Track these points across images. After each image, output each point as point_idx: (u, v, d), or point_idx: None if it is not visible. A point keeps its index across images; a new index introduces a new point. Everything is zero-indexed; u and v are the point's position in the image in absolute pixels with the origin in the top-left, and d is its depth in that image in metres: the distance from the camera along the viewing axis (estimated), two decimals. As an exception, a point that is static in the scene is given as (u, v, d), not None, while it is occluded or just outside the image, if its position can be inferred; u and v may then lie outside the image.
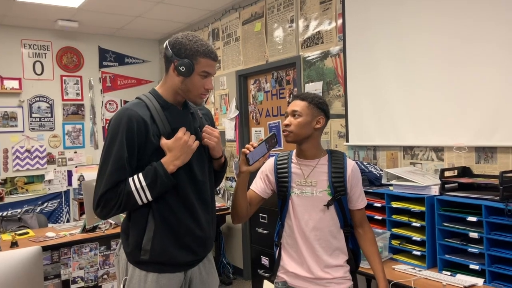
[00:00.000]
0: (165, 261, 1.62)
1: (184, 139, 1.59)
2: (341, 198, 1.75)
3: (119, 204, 1.54)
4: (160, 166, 1.56)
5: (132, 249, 1.62)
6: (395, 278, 2.18)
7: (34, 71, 5.14)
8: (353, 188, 1.78)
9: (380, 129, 3.01)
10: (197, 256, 1.71)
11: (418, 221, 2.36)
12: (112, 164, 1.54)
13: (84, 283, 3.29)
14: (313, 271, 1.74)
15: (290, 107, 1.78)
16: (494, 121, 2.38)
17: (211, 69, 1.62)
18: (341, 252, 1.79)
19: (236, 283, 4.43)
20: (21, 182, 5.05)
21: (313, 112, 1.75)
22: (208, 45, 1.62)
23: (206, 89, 1.64)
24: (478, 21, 2.43)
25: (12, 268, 2.09)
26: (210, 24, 4.93)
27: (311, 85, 3.56)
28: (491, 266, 2.07)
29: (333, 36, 3.39)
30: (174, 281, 1.65)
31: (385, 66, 2.95)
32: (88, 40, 5.49)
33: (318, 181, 1.75)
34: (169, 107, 1.66)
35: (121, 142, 1.53)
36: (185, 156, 1.60)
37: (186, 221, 1.64)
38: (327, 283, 1.74)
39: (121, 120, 1.55)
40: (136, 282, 1.62)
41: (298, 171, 1.79)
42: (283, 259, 1.83)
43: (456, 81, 2.55)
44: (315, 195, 1.75)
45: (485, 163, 2.47)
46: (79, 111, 5.44)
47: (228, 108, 4.69)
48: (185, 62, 1.57)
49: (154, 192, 1.56)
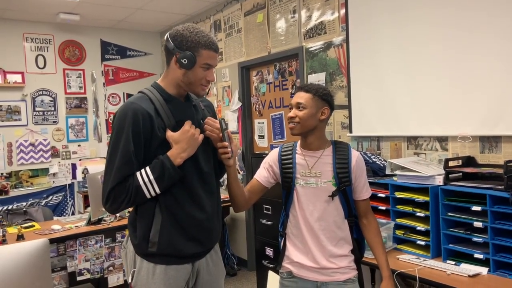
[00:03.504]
0: (172, 253, 1.62)
1: (191, 132, 1.60)
2: (346, 189, 1.75)
3: (128, 198, 1.55)
4: (167, 159, 1.56)
5: (139, 241, 1.63)
6: (400, 268, 2.19)
7: (37, 65, 5.14)
8: (358, 179, 1.77)
9: (384, 119, 3.00)
10: (204, 247, 1.71)
11: (422, 211, 2.36)
12: (120, 158, 1.54)
13: (90, 275, 3.32)
14: (318, 261, 1.75)
15: (294, 99, 1.77)
16: (499, 110, 2.37)
17: (213, 61, 1.62)
18: (346, 242, 1.79)
19: (240, 274, 4.46)
20: (25, 175, 5.07)
21: (318, 104, 1.74)
22: (209, 36, 1.61)
23: (208, 80, 1.64)
24: (482, 10, 2.41)
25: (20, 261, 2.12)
26: (212, 16, 4.91)
27: (314, 76, 3.55)
28: (496, 255, 2.08)
29: (336, 27, 3.37)
30: (182, 273, 1.66)
31: (388, 56, 2.94)
32: (90, 33, 5.47)
33: (323, 172, 1.75)
34: (172, 100, 1.66)
35: (127, 137, 1.54)
36: (191, 149, 1.60)
37: (193, 213, 1.64)
38: (332, 272, 1.75)
39: (126, 114, 1.55)
40: (145, 274, 1.63)
41: (302, 162, 1.79)
42: (288, 249, 1.83)
43: (460, 70, 2.53)
44: (319, 185, 1.75)
45: (489, 152, 2.46)
46: (82, 105, 5.45)
47: (231, 100, 4.69)
48: (187, 54, 1.57)
49: (162, 185, 1.57)
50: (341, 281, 1.75)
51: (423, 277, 2.11)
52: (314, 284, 1.76)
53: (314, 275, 1.76)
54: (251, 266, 4.47)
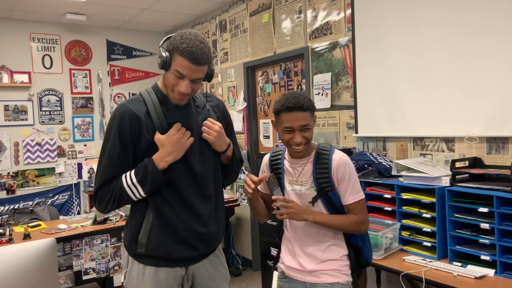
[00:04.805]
0: (161, 255, 1.61)
1: (177, 136, 1.57)
2: (329, 194, 1.72)
3: (113, 200, 1.56)
4: (151, 163, 1.55)
5: (129, 242, 1.64)
6: (406, 269, 2.18)
7: (43, 65, 5.17)
8: (340, 183, 1.71)
9: (390, 120, 2.99)
10: (198, 251, 1.67)
11: (429, 212, 2.35)
12: (105, 160, 1.57)
13: (96, 274, 3.34)
14: (304, 265, 1.75)
15: (296, 122, 1.64)
16: (506, 111, 2.35)
17: (185, 71, 1.50)
18: (338, 246, 1.76)
19: (245, 274, 4.46)
20: (32, 175, 5.10)
21: (313, 117, 1.72)
22: (193, 45, 1.48)
23: (178, 90, 1.54)
24: (489, 12, 2.39)
25: (27, 260, 2.13)
26: (217, 16, 4.91)
27: (320, 76, 3.55)
28: (502, 256, 2.07)
29: (341, 27, 3.36)
30: (173, 275, 1.63)
31: (394, 56, 2.93)
32: (96, 33, 5.50)
33: (307, 179, 1.75)
34: (168, 100, 1.63)
35: (114, 139, 1.56)
36: (177, 152, 1.57)
37: (184, 216, 1.61)
38: (320, 274, 1.73)
39: (115, 117, 1.58)
40: (135, 274, 1.63)
41: (290, 169, 1.79)
42: (282, 251, 1.88)
43: (466, 71, 2.52)
44: (303, 192, 1.75)
45: (496, 153, 2.45)
46: (88, 104, 5.47)
47: (236, 100, 4.69)
48: (161, 54, 1.53)
49: (146, 188, 1.56)
50: (328, 283, 1.72)
51: (429, 278, 2.09)
52: (304, 285, 1.77)
53: (302, 277, 1.77)
54: (256, 266, 4.47)
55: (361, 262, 1.81)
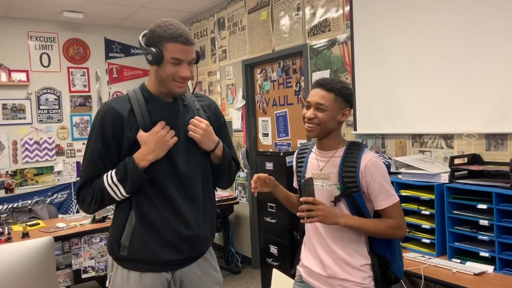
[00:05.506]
0: (145, 258, 1.55)
1: (161, 133, 1.52)
2: (353, 196, 1.59)
3: (95, 200, 1.53)
4: (131, 161, 1.51)
5: (111, 244, 1.59)
6: (405, 266, 2.15)
7: (41, 63, 5.15)
8: (370, 185, 1.57)
9: (389, 117, 2.99)
10: (184, 254, 1.60)
11: (428, 209, 2.35)
12: (87, 159, 1.55)
13: (95, 273, 3.34)
14: (326, 266, 1.64)
15: (314, 98, 1.60)
16: (505, 107, 2.35)
17: (181, 55, 1.49)
18: (359, 254, 1.63)
19: (244, 272, 4.46)
20: (30, 173, 5.09)
21: (340, 105, 1.60)
22: (177, 28, 1.49)
23: (181, 77, 1.52)
24: (488, 10, 2.39)
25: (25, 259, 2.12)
26: (215, 14, 4.90)
27: (318, 73, 3.54)
28: (501, 253, 2.07)
29: (340, 24, 3.35)
30: (159, 280, 1.57)
31: (393, 53, 2.92)
32: (94, 31, 5.48)
33: (331, 173, 1.63)
34: (154, 99, 1.59)
35: (96, 138, 1.54)
36: (159, 151, 1.52)
37: (168, 218, 1.56)
38: (338, 285, 1.61)
39: (98, 116, 1.57)
40: (119, 279, 1.58)
41: (314, 161, 1.71)
42: (302, 252, 1.78)
43: (465, 67, 2.51)
44: (325, 188, 1.64)
45: (495, 150, 2.44)
46: (86, 103, 5.46)
47: (235, 98, 4.68)
48: (150, 50, 1.49)
49: (127, 187, 1.51)
50: None
51: (428, 275, 2.10)
52: None
53: (321, 284, 1.66)
54: (255, 264, 4.47)
55: (388, 276, 1.65)
